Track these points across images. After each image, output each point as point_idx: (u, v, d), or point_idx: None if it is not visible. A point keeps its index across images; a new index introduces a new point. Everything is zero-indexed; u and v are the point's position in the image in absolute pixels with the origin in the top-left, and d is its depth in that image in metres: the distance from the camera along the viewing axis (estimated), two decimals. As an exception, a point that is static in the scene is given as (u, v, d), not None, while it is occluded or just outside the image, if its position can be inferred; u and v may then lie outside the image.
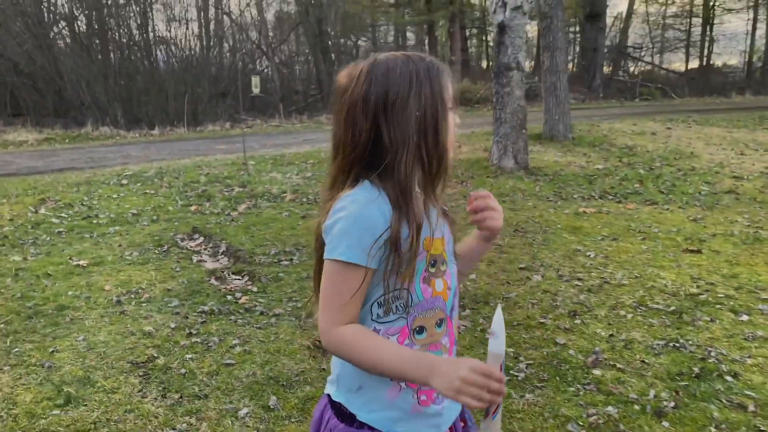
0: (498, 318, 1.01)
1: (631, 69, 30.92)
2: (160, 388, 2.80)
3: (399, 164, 1.10)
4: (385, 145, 1.10)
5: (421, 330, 1.16)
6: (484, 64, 31.29)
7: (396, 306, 1.13)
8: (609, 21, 28.47)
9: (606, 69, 27.36)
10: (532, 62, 26.27)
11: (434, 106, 1.12)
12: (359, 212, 1.08)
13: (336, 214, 1.10)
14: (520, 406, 2.64)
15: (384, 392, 1.16)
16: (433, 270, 1.16)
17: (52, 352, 3.16)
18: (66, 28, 19.03)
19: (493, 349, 1.02)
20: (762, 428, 2.46)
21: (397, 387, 1.16)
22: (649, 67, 30.61)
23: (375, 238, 1.07)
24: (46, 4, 18.37)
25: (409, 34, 31.23)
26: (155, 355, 3.12)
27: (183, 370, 2.95)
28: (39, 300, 3.86)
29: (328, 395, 1.22)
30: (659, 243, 4.96)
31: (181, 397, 2.72)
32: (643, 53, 32.29)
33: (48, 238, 5.30)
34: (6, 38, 16.52)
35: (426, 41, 28.40)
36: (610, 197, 6.74)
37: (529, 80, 20.77)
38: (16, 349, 3.19)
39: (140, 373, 2.94)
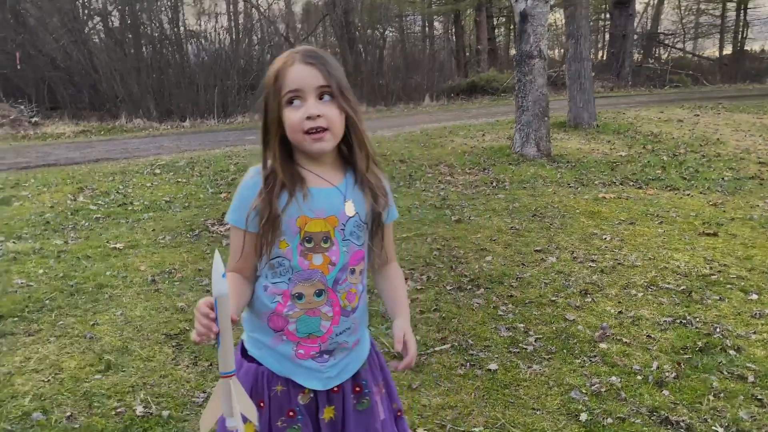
0: (216, 262, 1.09)
1: (662, 56, 30.37)
2: (191, 357, 3.02)
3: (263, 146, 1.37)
4: None
5: (300, 296, 1.33)
6: (512, 53, 31.05)
7: (280, 270, 1.32)
8: (640, 7, 28.03)
9: (636, 56, 26.95)
10: (561, 50, 26.04)
11: (267, 93, 1.33)
12: (241, 185, 1.35)
13: None
14: (527, 375, 2.79)
15: (269, 339, 1.36)
16: (309, 245, 1.31)
17: (93, 324, 3.41)
18: (100, 23, 19.54)
19: (213, 291, 1.12)
20: (760, 397, 2.58)
21: (279, 338, 1.35)
22: (680, 54, 30.04)
23: (249, 208, 1.30)
24: (80, 1, 18.89)
25: (436, 24, 31.19)
26: (187, 328, 3.34)
27: (213, 342, 3.16)
28: (80, 279, 4.13)
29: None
30: (676, 227, 5.03)
31: (210, 364, 2.94)
32: (675, 40, 31.70)
33: (87, 224, 5.59)
34: (44, 34, 17.05)
35: (452, 30, 28.34)
36: (631, 183, 6.79)
37: (556, 68, 20.64)
38: (61, 323, 3.45)
39: (173, 344, 3.17)
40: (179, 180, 7.50)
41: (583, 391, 2.65)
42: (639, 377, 2.75)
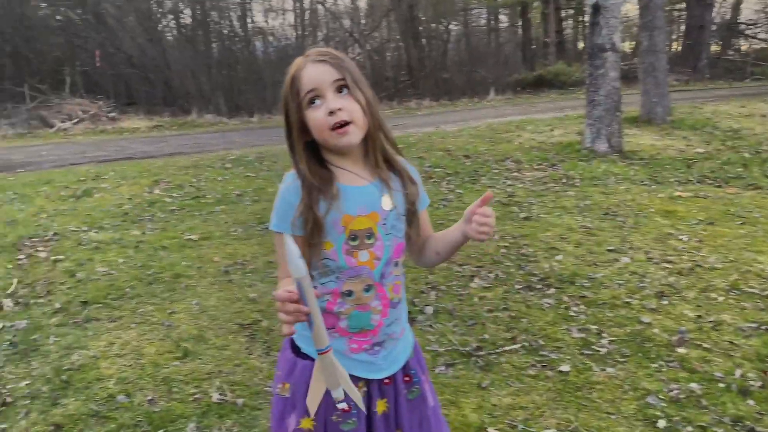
0: (290, 247, 1.08)
1: (743, 47, 28.85)
2: (264, 347, 3.10)
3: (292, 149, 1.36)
4: None
5: (350, 293, 1.34)
6: (580, 45, 30.24)
7: (327, 271, 1.33)
8: (718, -4, 26.70)
9: (714, 48, 25.73)
10: (634, 42, 25.15)
11: (285, 100, 1.33)
12: (281, 191, 1.35)
13: None
14: (601, 378, 2.72)
15: (311, 332, 1.36)
16: (354, 243, 1.31)
17: (170, 313, 3.55)
18: (173, 21, 20.27)
19: (293, 274, 1.10)
20: None
21: (331, 335, 1.35)
22: (763, 45, 28.44)
23: (292, 214, 1.30)
24: (155, 0, 19.62)
25: (501, 17, 30.71)
26: (259, 318, 3.43)
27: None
28: (157, 269, 4.30)
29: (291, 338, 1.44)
30: (759, 228, 4.77)
31: (282, 355, 3.01)
32: (757, 30, 30.04)
33: (162, 215, 5.81)
34: (122, 33, 17.83)
35: (519, 23, 27.84)
36: (709, 181, 6.49)
37: (628, 61, 19.95)
38: (141, 310, 3.61)
39: (246, 334, 3.26)
40: (248, 174, 7.70)
41: (661, 396, 2.56)
42: (721, 385, 2.64)
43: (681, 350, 2.94)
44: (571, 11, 29.61)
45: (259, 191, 6.70)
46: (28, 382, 2.81)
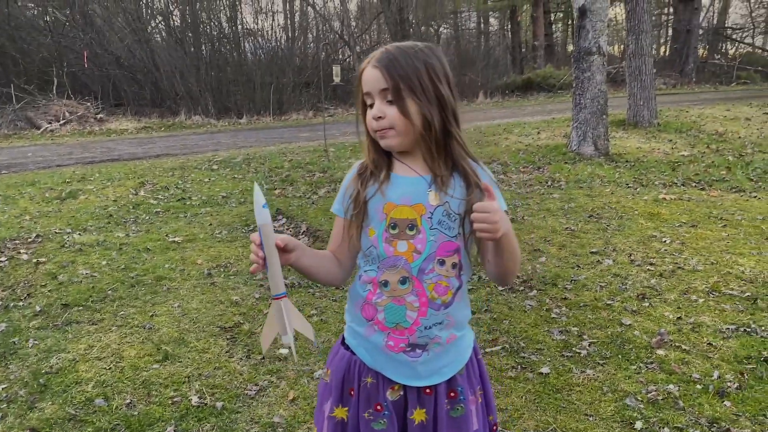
0: (256, 192, 1.19)
1: (730, 51, 29.14)
2: (245, 350, 3.09)
3: None
4: None
5: (386, 283, 1.35)
6: (569, 48, 30.41)
7: (371, 259, 1.36)
8: (706, 1, 26.97)
9: (701, 52, 25.96)
10: (621, 46, 25.31)
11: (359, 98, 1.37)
12: (345, 178, 1.44)
13: None
14: (580, 380, 2.73)
15: (362, 329, 1.39)
16: (394, 232, 1.33)
17: (152, 316, 3.53)
18: (162, 22, 20.15)
19: (257, 220, 1.21)
20: (830, 412, 2.44)
21: (371, 327, 1.38)
22: (749, 50, 28.73)
23: (347, 197, 1.39)
24: (144, 1, 19.52)
25: (491, 20, 30.82)
26: (241, 321, 3.42)
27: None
28: (140, 271, 4.28)
29: None
30: (741, 230, 4.82)
31: (263, 358, 3.00)
32: (743, 34, 30.36)
33: (147, 217, 5.78)
34: (110, 34, 17.71)
35: (508, 27, 27.95)
36: (694, 184, 6.54)
37: (615, 64, 20.08)
38: (122, 313, 3.59)
39: (228, 337, 3.24)
40: (235, 176, 7.67)
41: (639, 398, 2.58)
42: (699, 386, 2.65)
43: (660, 352, 2.96)
44: (561, 15, 29.80)
45: (246, 193, 6.68)
46: (5, 386, 2.78)
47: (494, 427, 1.51)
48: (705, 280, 3.84)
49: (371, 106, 1.33)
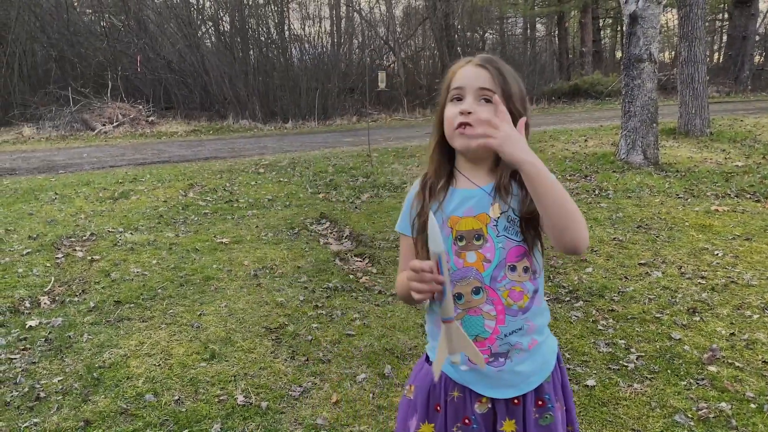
0: (431, 223, 1.16)
1: (788, 58, 28.05)
2: (289, 351, 3.13)
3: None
4: None
5: (459, 296, 1.33)
6: (618, 55, 29.83)
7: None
8: (764, 6, 26.08)
9: (757, 59, 25.09)
10: (672, 52, 24.70)
11: (443, 92, 1.35)
12: (408, 194, 1.43)
13: None
14: (627, 394, 2.68)
15: None
16: (462, 244, 1.32)
17: (200, 315, 3.61)
18: (212, 28, 20.64)
19: (431, 248, 1.17)
20: None
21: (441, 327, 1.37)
22: (809, 56, 27.61)
23: (408, 214, 1.39)
24: (194, 7, 20.03)
25: (538, 26, 30.50)
26: (286, 322, 3.47)
27: (309, 337, 3.28)
28: (189, 271, 4.38)
29: None
30: (799, 245, 4.64)
31: (307, 359, 3.04)
32: (803, 41, 29.17)
33: (196, 218, 5.92)
34: (162, 39, 18.25)
35: (555, 33, 27.61)
36: (748, 196, 6.32)
37: (666, 72, 19.61)
38: (171, 311, 3.68)
39: (273, 338, 3.30)
40: (281, 179, 7.79)
41: (689, 415, 2.51)
42: (753, 405, 2.57)
43: (712, 368, 2.87)
44: (609, 21, 29.27)
45: (291, 197, 6.77)
46: (60, 378, 2.89)
47: None
48: (760, 295, 3.71)
49: (458, 100, 1.31)
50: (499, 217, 1.31)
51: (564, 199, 1.19)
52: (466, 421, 1.35)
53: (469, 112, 1.27)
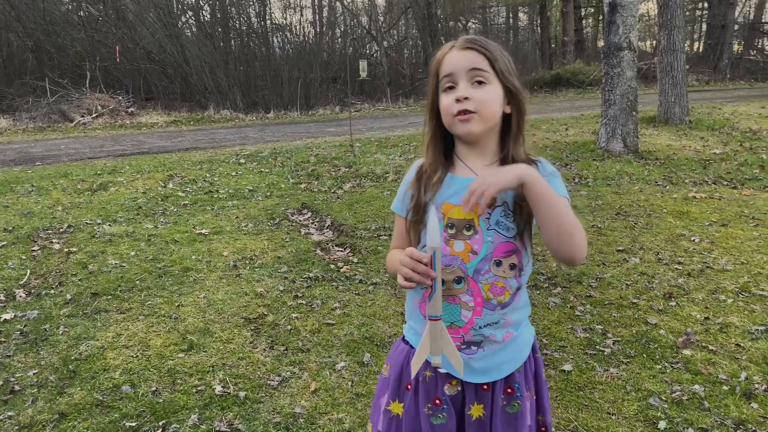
0: (431, 218, 1.17)
1: (766, 47, 28.41)
2: (268, 341, 3.13)
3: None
4: None
5: (441, 282, 1.31)
6: (600, 44, 29.95)
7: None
8: (742, -5, 26.32)
9: (736, 47, 25.35)
10: (652, 42, 24.86)
11: (430, 83, 1.34)
12: (405, 175, 1.44)
13: None
14: (603, 378, 2.71)
15: (419, 326, 1.40)
16: (451, 232, 1.32)
17: (178, 306, 3.59)
18: (192, 17, 20.41)
19: (428, 243, 1.18)
20: None
21: (426, 324, 1.37)
22: (787, 45, 27.99)
23: (403, 197, 1.41)
24: (175, -4, 19.78)
25: (520, 15, 30.54)
26: (265, 313, 3.46)
27: (289, 327, 3.27)
28: (167, 262, 4.35)
29: None
30: (774, 230, 4.71)
31: (286, 349, 3.03)
32: (781, 29, 29.52)
33: (175, 210, 5.87)
34: (141, 29, 17.99)
35: (538, 22, 27.65)
36: (725, 183, 6.41)
37: (646, 60, 19.74)
38: (149, 302, 3.66)
39: (252, 328, 3.29)
40: (262, 170, 7.74)
41: (663, 398, 2.54)
42: (725, 387, 2.61)
43: (686, 352, 2.92)
44: (591, 10, 29.37)
45: (272, 187, 6.74)
46: (35, 371, 2.86)
47: (543, 429, 1.48)
48: (734, 280, 3.77)
49: (450, 89, 1.30)
50: (495, 207, 1.30)
51: (567, 221, 1.22)
52: (437, 401, 1.36)
53: (466, 98, 1.26)
